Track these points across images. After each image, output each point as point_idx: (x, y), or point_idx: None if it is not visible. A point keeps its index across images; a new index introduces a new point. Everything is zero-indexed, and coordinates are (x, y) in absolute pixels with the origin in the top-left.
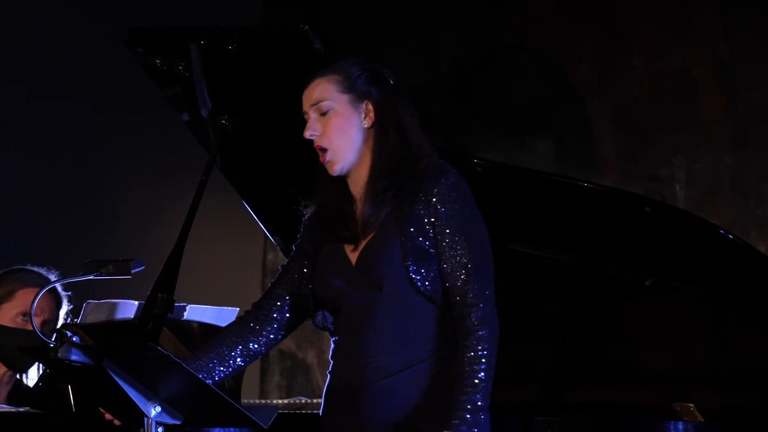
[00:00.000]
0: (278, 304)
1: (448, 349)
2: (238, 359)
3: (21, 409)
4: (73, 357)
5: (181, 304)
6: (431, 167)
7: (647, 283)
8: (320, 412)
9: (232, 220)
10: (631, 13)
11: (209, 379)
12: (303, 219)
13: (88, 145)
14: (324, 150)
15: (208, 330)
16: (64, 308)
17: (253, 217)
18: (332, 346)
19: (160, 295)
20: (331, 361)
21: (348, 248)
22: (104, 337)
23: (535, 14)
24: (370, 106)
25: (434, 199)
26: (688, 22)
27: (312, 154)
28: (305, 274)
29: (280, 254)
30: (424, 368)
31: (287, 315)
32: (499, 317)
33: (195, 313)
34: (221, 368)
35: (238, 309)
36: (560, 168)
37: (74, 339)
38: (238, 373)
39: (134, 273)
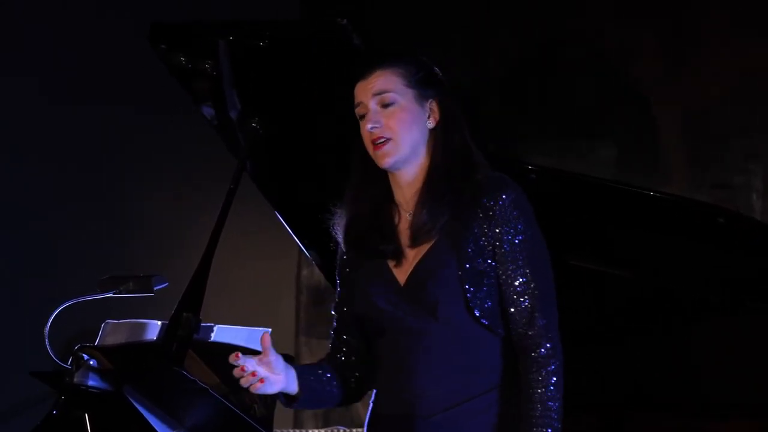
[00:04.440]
0: (352, 340)
1: (506, 382)
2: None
3: None
4: (90, 382)
5: (208, 324)
6: (490, 179)
7: (718, 302)
8: None
9: (263, 233)
10: (700, 6)
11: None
12: (334, 231)
13: (106, 151)
14: (384, 140)
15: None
16: None
17: (286, 230)
18: (377, 373)
19: (185, 314)
20: (374, 390)
21: (392, 264)
22: (124, 360)
23: (594, 9)
24: (435, 106)
25: (494, 216)
26: (764, 14)
27: (351, 159)
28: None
29: (316, 270)
30: (482, 402)
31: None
32: None
33: (223, 334)
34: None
35: (270, 329)
36: (622, 175)
37: (91, 362)
38: (269, 400)
39: (157, 290)
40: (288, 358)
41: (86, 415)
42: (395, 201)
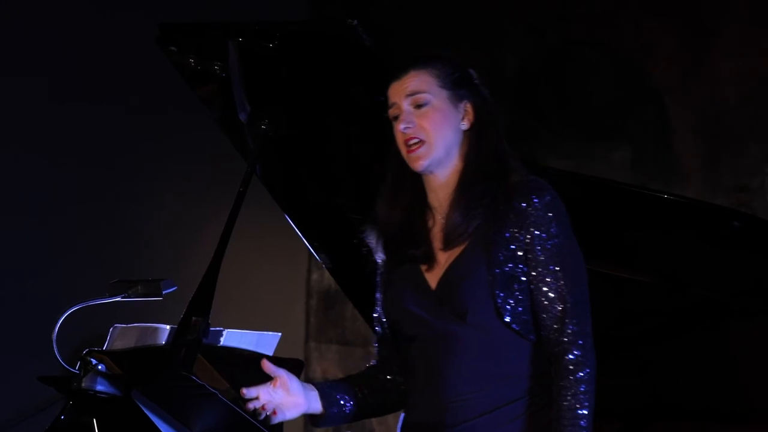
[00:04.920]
0: (394, 347)
1: (539, 389)
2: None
3: None
4: (99, 387)
5: (218, 328)
6: (524, 183)
7: (735, 307)
8: None
9: (273, 236)
10: (717, 7)
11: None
12: (366, 240)
13: (114, 153)
14: (418, 143)
15: (247, 357)
16: None
17: (296, 233)
18: (409, 379)
19: (194, 318)
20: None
21: (424, 268)
22: (133, 365)
23: (609, 8)
24: (470, 107)
25: (527, 220)
26: None
27: (362, 161)
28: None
29: (326, 273)
30: (514, 410)
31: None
32: None
33: (233, 338)
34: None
35: (279, 334)
36: (637, 178)
37: (100, 367)
38: None
39: (165, 294)
40: (298, 363)
41: (94, 420)
42: (429, 204)
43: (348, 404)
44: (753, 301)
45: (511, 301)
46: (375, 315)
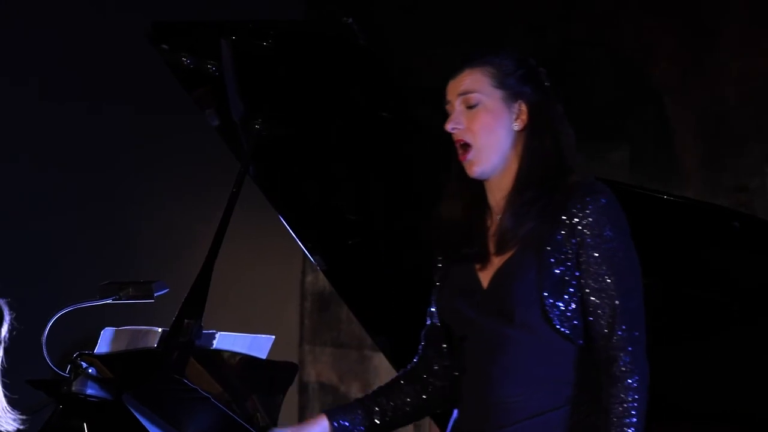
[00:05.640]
0: (440, 348)
1: (587, 396)
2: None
3: None
4: (89, 391)
5: (210, 331)
6: (580, 184)
7: (735, 308)
8: None
9: (267, 238)
10: (717, 7)
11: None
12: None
13: (114, 153)
14: (466, 147)
15: (240, 360)
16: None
17: (290, 234)
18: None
19: (186, 321)
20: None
21: (477, 267)
22: (124, 368)
23: (609, 8)
24: (524, 107)
25: (580, 224)
26: None
27: (357, 161)
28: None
29: (320, 275)
30: (560, 416)
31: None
32: None
33: (225, 341)
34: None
35: (273, 337)
36: (636, 178)
37: (90, 370)
38: (273, 409)
39: (157, 296)
40: (292, 366)
41: (85, 424)
42: (489, 204)
43: (358, 428)
44: (753, 302)
45: (561, 305)
46: (429, 313)
